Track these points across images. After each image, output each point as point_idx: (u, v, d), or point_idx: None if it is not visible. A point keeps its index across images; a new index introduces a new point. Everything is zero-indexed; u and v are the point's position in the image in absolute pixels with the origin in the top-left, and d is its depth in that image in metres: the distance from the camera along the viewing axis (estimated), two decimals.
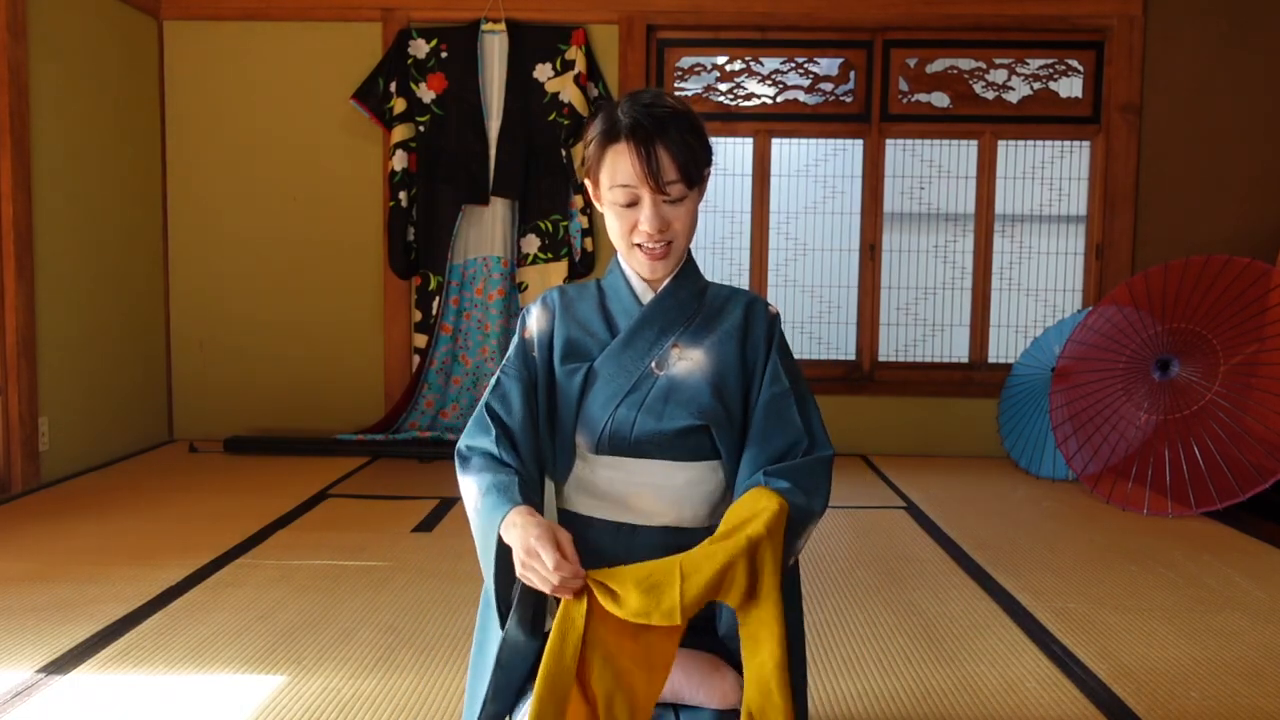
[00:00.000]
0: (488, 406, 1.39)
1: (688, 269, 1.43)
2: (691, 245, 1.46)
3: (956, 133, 4.60)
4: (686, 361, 1.37)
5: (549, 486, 1.40)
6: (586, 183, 1.43)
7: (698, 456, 1.36)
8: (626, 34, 4.48)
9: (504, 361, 1.45)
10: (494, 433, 1.36)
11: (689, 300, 1.41)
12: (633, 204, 1.33)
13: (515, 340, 1.45)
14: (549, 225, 4.47)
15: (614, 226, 1.37)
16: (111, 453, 4.17)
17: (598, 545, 1.34)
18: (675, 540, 1.34)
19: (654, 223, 1.32)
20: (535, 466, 1.38)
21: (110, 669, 2.03)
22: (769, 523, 1.22)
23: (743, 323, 1.40)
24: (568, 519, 1.39)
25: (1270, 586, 2.69)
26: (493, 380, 1.43)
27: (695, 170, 1.33)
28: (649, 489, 1.35)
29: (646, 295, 1.42)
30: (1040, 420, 4.07)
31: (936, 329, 4.71)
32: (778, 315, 1.44)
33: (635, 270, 1.41)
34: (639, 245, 1.35)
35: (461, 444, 1.39)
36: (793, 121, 4.62)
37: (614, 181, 1.33)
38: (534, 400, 1.39)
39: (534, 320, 1.45)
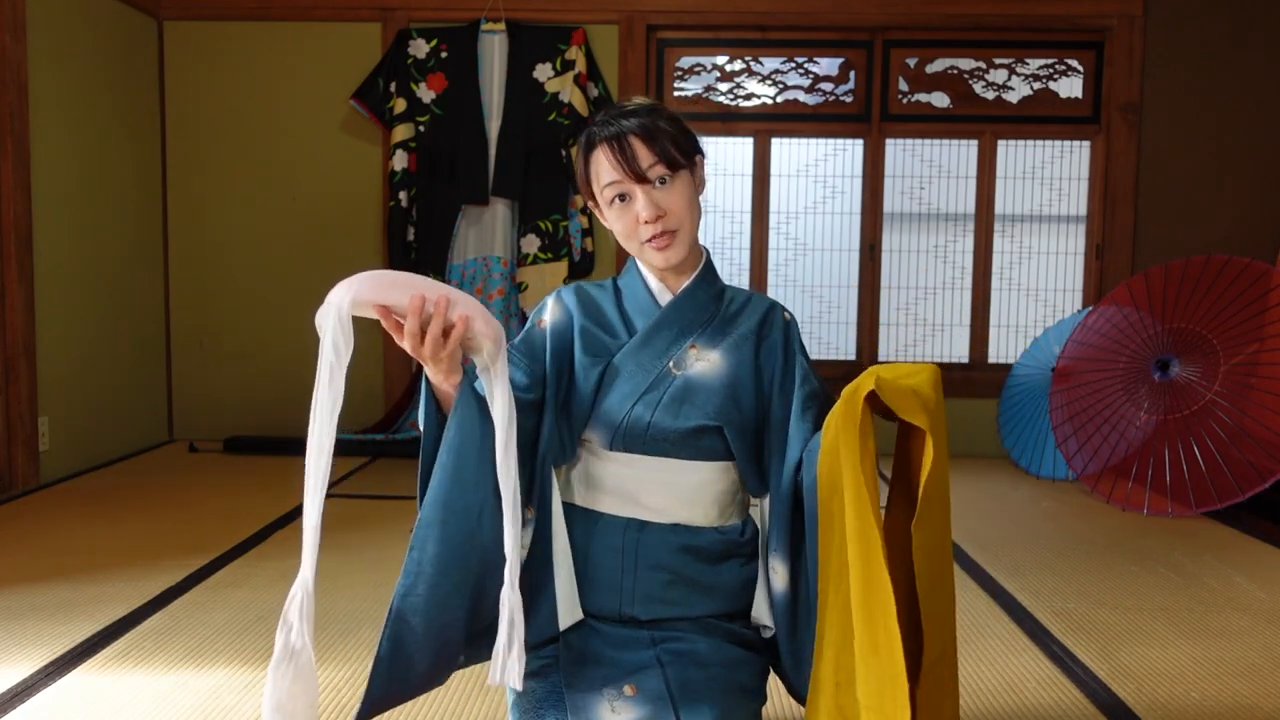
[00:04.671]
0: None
1: (706, 272, 1.44)
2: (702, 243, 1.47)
3: (956, 133, 4.60)
4: (704, 363, 1.38)
5: (553, 476, 1.40)
6: (590, 205, 1.44)
7: (710, 457, 1.37)
8: (626, 34, 4.48)
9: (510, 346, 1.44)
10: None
11: (707, 303, 1.42)
12: (626, 200, 1.36)
13: (526, 328, 1.46)
14: (549, 225, 4.47)
15: (619, 231, 1.38)
16: (111, 453, 4.17)
17: (604, 539, 1.36)
18: (684, 538, 1.36)
19: (648, 210, 1.34)
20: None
21: (110, 669, 2.03)
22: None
23: (759, 327, 1.42)
24: (575, 513, 1.39)
25: (1270, 586, 2.69)
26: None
27: (675, 152, 1.34)
28: (660, 486, 1.36)
29: (664, 296, 1.43)
30: (1040, 420, 4.07)
31: (936, 329, 4.71)
32: (794, 320, 1.46)
33: (651, 266, 1.42)
34: (646, 242, 1.36)
35: None
36: (793, 121, 4.62)
37: (601, 184, 1.37)
38: (538, 379, 1.39)
39: (549, 313, 1.45)
